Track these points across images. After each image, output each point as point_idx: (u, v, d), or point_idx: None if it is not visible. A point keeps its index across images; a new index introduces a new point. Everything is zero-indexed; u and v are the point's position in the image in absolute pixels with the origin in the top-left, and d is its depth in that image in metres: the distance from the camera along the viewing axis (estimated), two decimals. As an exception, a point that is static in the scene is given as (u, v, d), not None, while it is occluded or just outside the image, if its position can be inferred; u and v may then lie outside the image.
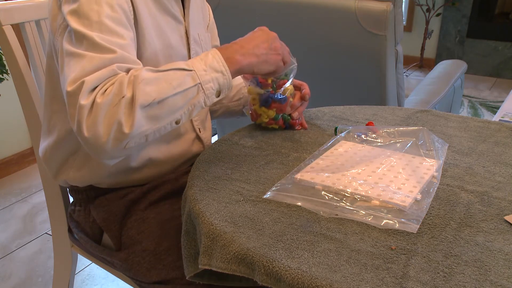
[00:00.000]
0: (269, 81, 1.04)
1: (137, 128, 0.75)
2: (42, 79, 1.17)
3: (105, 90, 0.76)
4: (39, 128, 1.14)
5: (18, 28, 1.11)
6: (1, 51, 1.82)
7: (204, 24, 1.16)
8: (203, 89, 0.82)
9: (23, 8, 1.10)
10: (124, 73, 0.79)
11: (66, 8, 0.83)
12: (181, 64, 0.82)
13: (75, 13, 0.82)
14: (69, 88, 0.77)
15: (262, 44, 0.90)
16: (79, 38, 0.80)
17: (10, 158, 2.57)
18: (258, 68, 0.90)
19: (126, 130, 0.75)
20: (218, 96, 0.85)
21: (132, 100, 0.75)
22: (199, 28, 1.10)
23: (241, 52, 0.87)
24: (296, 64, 1.01)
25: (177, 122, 0.81)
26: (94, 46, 0.79)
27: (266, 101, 1.04)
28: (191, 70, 0.81)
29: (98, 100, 0.75)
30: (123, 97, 0.75)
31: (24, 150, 2.64)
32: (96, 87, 0.77)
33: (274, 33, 0.94)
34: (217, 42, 1.26)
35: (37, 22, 1.15)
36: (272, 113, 1.05)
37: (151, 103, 0.76)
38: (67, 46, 0.81)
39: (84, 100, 0.75)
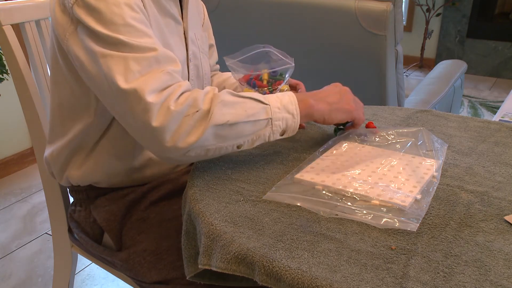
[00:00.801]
0: (265, 82, 1.04)
1: (202, 141, 0.79)
2: (42, 79, 1.17)
3: (178, 98, 0.79)
4: (39, 128, 1.14)
5: (18, 28, 1.11)
6: (1, 51, 1.82)
7: (200, 22, 1.16)
8: (272, 124, 0.86)
9: (23, 8, 1.10)
10: (187, 82, 0.83)
11: (81, 13, 0.82)
12: (259, 96, 0.86)
13: (98, 19, 0.81)
14: (125, 87, 0.78)
15: (334, 94, 0.93)
16: (111, 43, 0.80)
17: (10, 158, 2.57)
18: (329, 116, 0.91)
19: (191, 140, 0.79)
20: (282, 135, 0.88)
21: (207, 115, 0.79)
22: (196, 28, 1.10)
23: (314, 98, 0.90)
24: (292, 64, 1.01)
25: (238, 147, 0.85)
26: (131, 48, 0.80)
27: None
28: (267, 104, 0.85)
29: (172, 107, 0.78)
30: (197, 110, 0.79)
31: (24, 150, 2.64)
32: (164, 89, 0.79)
33: (347, 88, 0.96)
34: (212, 41, 1.26)
35: (37, 22, 1.15)
36: None
37: (223, 124, 0.80)
38: (98, 49, 0.80)
39: (152, 98, 0.77)
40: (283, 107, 0.86)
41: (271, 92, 1.04)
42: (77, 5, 0.82)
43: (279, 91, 1.04)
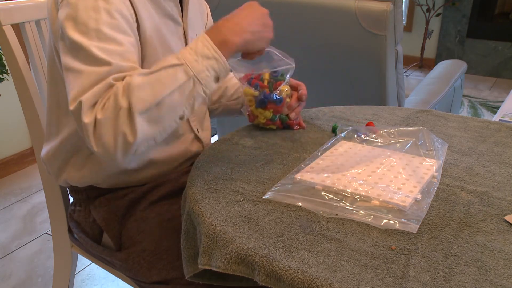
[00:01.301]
0: (265, 83, 1.04)
1: (141, 134, 0.77)
2: (42, 79, 1.17)
3: (104, 105, 0.77)
4: (39, 128, 1.14)
5: (18, 28, 1.11)
6: (1, 51, 1.82)
7: (202, 24, 1.16)
8: (198, 79, 0.80)
9: (23, 8, 1.10)
10: (119, 83, 0.79)
11: (62, 14, 0.83)
12: (172, 60, 0.80)
13: (72, 20, 0.81)
14: (71, 107, 0.79)
15: (256, 20, 0.88)
16: (76, 49, 0.80)
17: (10, 158, 2.57)
18: (252, 46, 0.88)
19: (131, 139, 0.76)
20: (217, 81, 0.83)
21: (130, 109, 0.75)
22: (197, 29, 1.10)
23: (235, 30, 0.85)
24: (293, 65, 1.01)
25: (181, 118, 0.81)
26: (91, 59, 0.80)
27: (262, 102, 1.04)
28: (182, 64, 0.79)
29: (99, 116, 0.76)
30: (120, 109, 0.76)
31: (24, 150, 2.64)
32: (95, 103, 0.78)
33: (265, 9, 0.91)
34: None
35: (37, 22, 1.15)
36: (268, 114, 1.05)
37: (148, 108, 0.76)
38: (66, 60, 0.82)
39: (87, 119, 0.77)
40: (200, 57, 0.80)
41: (271, 92, 1.04)
42: (62, 4, 0.84)
43: (283, 93, 1.04)
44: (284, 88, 1.05)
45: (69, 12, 0.82)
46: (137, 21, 0.90)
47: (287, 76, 1.04)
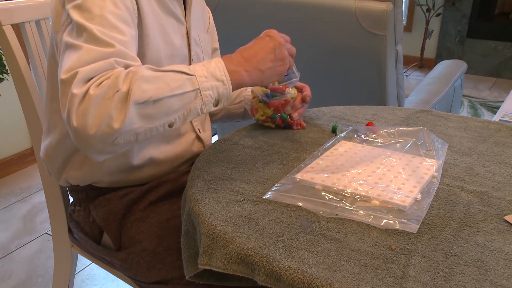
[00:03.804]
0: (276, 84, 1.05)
1: (128, 124, 0.74)
2: (42, 79, 1.17)
3: (100, 83, 0.74)
4: (39, 128, 1.14)
5: (18, 28, 1.11)
6: (1, 51, 1.82)
7: (204, 27, 1.16)
8: (201, 95, 0.80)
9: (23, 8, 1.10)
10: (122, 68, 0.78)
11: (69, 4, 0.83)
12: (183, 68, 0.80)
13: (78, 7, 0.82)
14: (63, 76, 0.76)
15: (268, 55, 0.88)
16: (79, 30, 0.80)
17: (10, 158, 2.57)
18: (262, 82, 0.89)
19: (116, 125, 0.73)
20: (216, 105, 0.83)
21: (127, 95, 0.73)
22: (200, 30, 1.10)
23: (246, 66, 0.85)
24: (298, 78, 1.02)
25: (170, 125, 0.79)
26: (93, 39, 0.79)
27: (265, 100, 1.06)
28: (191, 75, 0.80)
29: (91, 91, 0.73)
30: (117, 91, 0.73)
31: (24, 150, 2.64)
32: (91, 78, 0.75)
33: (280, 39, 0.91)
34: (217, 45, 1.26)
35: (37, 22, 1.15)
36: (269, 111, 1.06)
37: (146, 101, 0.75)
38: (67, 38, 0.81)
39: (77, 90, 0.74)
40: (210, 75, 0.81)
41: (280, 95, 1.05)
42: None
43: (288, 95, 1.05)
44: (292, 90, 1.06)
45: (76, 1, 0.82)
46: (138, 15, 0.90)
47: (293, 80, 1.05)
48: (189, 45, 1.05)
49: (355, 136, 1.02)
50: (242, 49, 0.89)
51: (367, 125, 1.08)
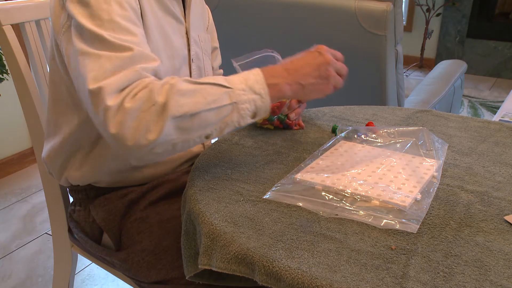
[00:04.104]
0: None
1: (164, 136, 0.75)
2: (42, 79, 1.17)
3: (135, 94, 0.75)
4: (39, 128, 1.14)
5: (18, 28, 1.11)
6: (1, 51, 1.82)
7: (204, 26, 1.16)
8: (238, 109, 0.80)
9: (23, 8, 1.10)
10: (153, 77, 0.79)
11: (72, 7, 0.82)
12: (221, 80, 0.80)
13: (85, 12, 0.81)
14: (92, 87, 0.76)
15: (312, 71, 0.85)
16: (92, 38, 0.80)
17: (10, 158, 2.57)
18: (303, 97, 0.88)
19: (152, 136, 0.74)
20: (253, 118, 0.83)
21: (164, 108, 0.74)
22: (199, 30, 1.10)
23: (287, 79, 0.84)
24: None
25: (207, 137, 0.80)
26: (109, 46, 0.79)
27: None
28: (229, 88, 0.79)
29: (127, 104, 0.74)
30: (153, 104, 0.74)
31: (24, 150, 2.64)
32: (124, 89, 0.76)
33: (329, 57, 0.87)
34: (217, 44, 1.26)
35: (37, 22, 1.15)
36: None
37: (182, 115, 0.75)
38: (80, 45, 0.80)
39: (111, 101, 0.74)
40: (248, 88, 0.80)
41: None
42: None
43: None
44: None
45: (80, 5, 0.82)
46: (141, 15, 0.90)
47: None
48: (188, 45, 1.05)
49: (355, 136, 1.02)
50: (287, 61, 0.87)
51: (367, 125, 1.08)
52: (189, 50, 1.05)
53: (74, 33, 0.82)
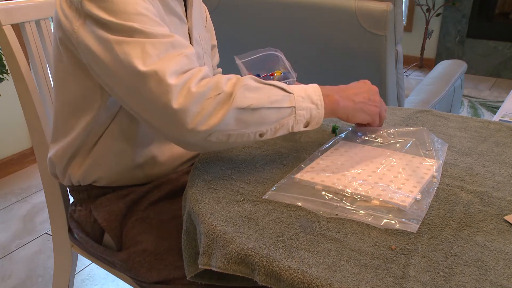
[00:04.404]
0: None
1: (223, 124, 0.78)
2: (42, 79, 1.17)
3: (201, 81, 0.78)
4: (39, 128, 1.14)
5: (18, 28, 1.11)
6: (1, 51, 1.82)
7: (203, 25, 1.17)
8: (295, 113, 0.84)
9: (23, 8, 1.10)
10: (210, 72, 0.82)
11: (93, 8, 0.81)
12: (282, 84, 0.85)
13: (109, 10, 0.80)
14: (144, 69, 0.77)
15: (362, 93, 0.92)
16: (125, 31, 0.79)
17: (10, 158, 2.57)
18: (353, 115, 0.91)
19: (212, 122, 0.77)
20: (306, 126, 0.87)
21: (230, 97, 0.78)
22: (200, 28, 1.11)
23: (340, 94, 0.89)
24: (294, 79, 1.03)
25: (261, 135, 0.83)
26: (147, 35, 0.80)
27: None
28: (290, 93, 0.84)
29: (193, 89, 0.76)
30: (219, 93, 0.77)
31: (24, 150, 2.64)
32: (185, 72, 0.78)
33: (375, 87, 0.96)
34: (215, 42, 1.26)
35: (37, 22, 1.15)
36: None
37: (246, 108, 0.79)
38: (113, 37, 0.79)
39: (173, 80, 0.76)
40: (307, 97, 0.85)
41: None
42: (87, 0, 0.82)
43: None
44: None
45: (100, 5, 0.80)
46: None
47: (290, 81, 1.04)
48: (191, 44, 1.05)
49: (355, 136, 1.02)
50: (338, 86, 0.92)
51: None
52: (191, 49, 1.06)
53: (99, 29, 0.81)
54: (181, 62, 0.79)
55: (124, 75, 0.80)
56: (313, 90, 0.86)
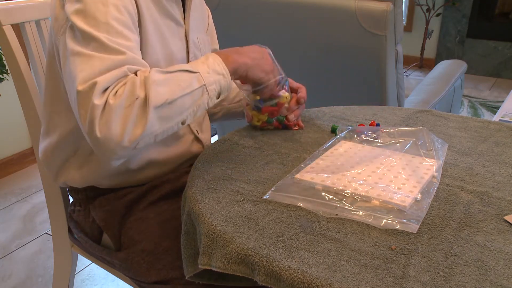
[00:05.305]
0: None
1: (149, 128, 0.77)
2: (42, 79, 1.17)
3: (117, 91, 0.77)
4: (39, 128, 1.14)
5: (18, 28, 1.11)
6: (1, 51, 1.82)
7: (204, 28, 1.16)
8: (207, 90, 0.85)
9: (23, 8, 1.10)
10: (133, 74, 0.80)
11: (70, 8, 0.83)
12: (186, 66, 0.84)
13: (81, 13, 0.82)
14: (80, 88, 0.77)
15: (255, 52, 0.95)
16: (86, 39, 0.80)
17: (10, 158, 2.57)
18: (252, 72, 0.93)
19: (139, 130, 0.76)
20: (218, 97, 0.88)
21: (146, 101, 0.77)
22: (199, 32, 1.10)
23: (236, 53, 0.91)
24: (283, 75, 1.02)
25: (183, 123, 0.83)
26: (103, 47, 0.80)
27: (257, 107, 1.05)
28: (196, 72, 0.84)
29: (111, 101, 0.76)
30: (136, 98, 0.76)
31: (24, 150, 2.64)
32: (108, 87, 0.78)
33: (267, 50, 0.98)
34: (216, 46, 1.26)
35: (37, 22, 1.15)
36: (263, 117, 1.07)
37: (163, 104, 0.78)
38: (73, 45, 0.81)
39: (98, 100, 0.76)
40: (212, 70, 0.85)
41: (265, 99, 1.04)
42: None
43: (280, 99, 1.05)
44: (284, 94, 1.05)
45: (77, 6, 0.82)
46: (138, 19, 0.90)
47: (285, 83, 1.04)
48: (187, 47, 1.05)
49: (355, 136, 1.02)
50: (231, 48, 0.94)
51: (370, 125, 1.08)
52: (187, 53, 1.05)
53: (68, 34, 0.83)
54: (112, 77, 0.78)
55: (70, 86, 0.81)
56: (214, 60, 0.87)
